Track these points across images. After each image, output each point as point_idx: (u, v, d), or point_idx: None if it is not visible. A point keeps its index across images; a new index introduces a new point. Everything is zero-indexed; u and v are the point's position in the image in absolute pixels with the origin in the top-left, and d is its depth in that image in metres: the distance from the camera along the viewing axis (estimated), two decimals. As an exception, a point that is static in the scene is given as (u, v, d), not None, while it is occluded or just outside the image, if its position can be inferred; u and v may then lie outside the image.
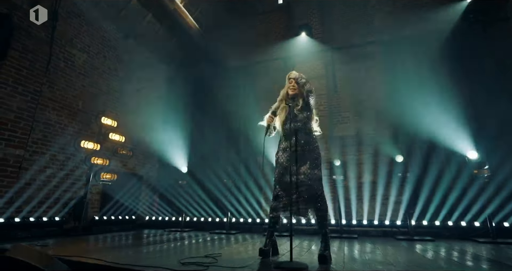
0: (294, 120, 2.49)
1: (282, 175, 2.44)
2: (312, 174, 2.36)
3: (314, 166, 2.39)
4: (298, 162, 2.34)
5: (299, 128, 2.47)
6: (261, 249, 2.40)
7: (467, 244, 3.53)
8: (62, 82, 4.68)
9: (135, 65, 6.22)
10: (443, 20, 5.39)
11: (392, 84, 5.62)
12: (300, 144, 2.41)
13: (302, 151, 2.41)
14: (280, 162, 2.50)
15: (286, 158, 2.45)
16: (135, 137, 5.90)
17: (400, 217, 4.71)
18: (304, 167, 2.36)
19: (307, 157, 2.40)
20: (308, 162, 2.38)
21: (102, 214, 4.95)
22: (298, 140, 2.41)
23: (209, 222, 5.48)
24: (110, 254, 2.56)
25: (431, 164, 4.67)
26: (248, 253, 2.78)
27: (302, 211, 2.35)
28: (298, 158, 2.34)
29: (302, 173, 2.34)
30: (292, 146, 2.39)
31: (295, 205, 2.30)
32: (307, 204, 2.34)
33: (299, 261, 2.21)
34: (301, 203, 2.33)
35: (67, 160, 4.57)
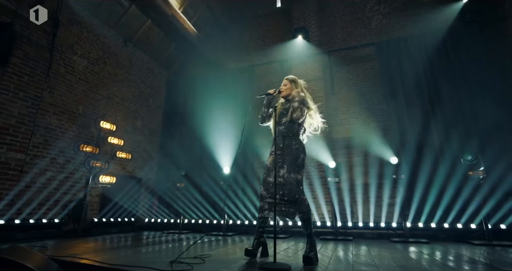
0: (278, 124, 2.59)
1: (266, 176, 2.54)
2: (289, 177, 2.41)
3: (292, 169, 2.43)
4: (278, 165, 2.44)
5: (280, 132, 2.55)
6: (247, 250, 2.45)
7: (462, 247, 3.52)
8: (62, 87, 4.81)
9: (134, 70, 6.35)
10: (440, 20, 5.40)
11: (389, 85, 5.64)
12: (279, 147, 2.49)
13: (281, 154, 2.48)
14: (266, 164, 2.61)
15: (271, 160, 2.55)
16: (134, 140, 6.01)
17: (396, 219, 4.71)
18: (283, 171, 2.43)
19: (286, 161, 2.45)
20: (286, 165, 2.44)
21: (101, 216, 5.05)
22: (277, 144, 2.51)
23: (207, 224, 5.54)
24: (104, 255, 2.63)
25: (426, 165, 4.66)
26: (237, 254, 2.82)
27: (285, 212, 2.38)
28: (277, 161, 2.45)
29: (281, 176, 2.42)
30: (275, 150, 2.49)
31: (278, 206, 2.36)
32: (290, 206, 2.38)
33: (284, 262, 2.24)
34: (284, 205, 2.38)
35: (67, 163, 4.69)
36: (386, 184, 5.21)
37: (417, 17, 6.06)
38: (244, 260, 2.43)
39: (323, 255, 2.90)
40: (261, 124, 2.77)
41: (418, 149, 4.80)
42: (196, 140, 6.32)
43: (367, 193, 5.42)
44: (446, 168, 4.49)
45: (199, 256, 2.60)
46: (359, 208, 5.35)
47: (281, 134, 2.54)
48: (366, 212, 5.31)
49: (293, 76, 2.74)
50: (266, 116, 2.73)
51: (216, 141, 5.95)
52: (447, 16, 5.39)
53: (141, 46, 6.53)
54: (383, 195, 5.30)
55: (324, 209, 5.55)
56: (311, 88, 6.46)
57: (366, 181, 5.55)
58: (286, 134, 2.55)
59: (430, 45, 5.23)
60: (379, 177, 5.39)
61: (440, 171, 4.56)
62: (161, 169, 6.56)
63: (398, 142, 5.02)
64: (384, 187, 5.26)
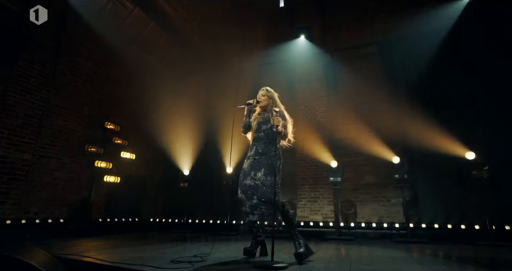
0: (258, 131, 2.69)
1: (242, 179, 2.59)
2: (265, 180, 2.47)
3: (269, 172, 2.50)
4: (255, 168, 2.54)
5: (260, 138, 2.66)
6: (245, 249, 2.50)
7: (466, 247, 3.49)
8: (68, 89, 4.90)
9: (139, 71, 6.43)
10: (443, 19, 5.33)
11: (393, 85, 5.60)
12: (258, 152, 2.59)
13: (259, 159, 2.57)
14: (243, 168, 2.66)
15: (248, 164, 2.62)
16: (138, 141, 6.08)
17: (399, 219, 4.68)
18: (259, 173, 2.50)
19: (263, 165, 2.53)
20: (263, 169, 2.51)
21: (106, 215, 5.13)
22: (256, 149, 2.62)
23: (211, 223, 5.58)
24: (107, 254, 2.69)
25: (429, 165, 4.62)
26: (237, 253, 2.85)
27: (265, 214, 2.43)
28: (255, 165, 2.55)
29: (258, 179, 2.49)
30: (252, 155, 2.62)
31: (258, 208, 2.43)
32: (268, 208, 2.43)
33: (281, 261, 2.26)
34: (263, 207, 2.44)
35: (72, 164, 4.78)
36: (389, 184, 5.18)
37: (420, 16, 5.98)
38: (242, 259, 2.46)
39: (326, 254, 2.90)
40: (244, 134, 2.83)
41: (421, 148, 4.75)
42: (200, 140, 6.36)
43: (369, 193, 5.39)
44: (450, 168, 4.44)
45: (198, 254, 2.63)
46: (361, 208, 5.33)
47: (261, 140, 2.65)
48: (369, 212, 5.28)
49: (269, 88, 2.85)
50: (249, 126, 2.79)
51: (220, 141, 5.98)
52: (450, 15, 5.31)
53: (145, 47, 6.60)
54: (386, 195, 5.28)
55: (326, 209, 5.54)
56: (313, 88, 6.47)
57: (368, 180, 5.52)
58: (266, 141, 2.64)
59: (434, 44, 5.16)
60: (382, 176, 5.36)
61: (444, 170, 4.51)
62: (165, 169, 6.62)
63: (402, 142, 4.98)
64: (387, 187, 5.23)
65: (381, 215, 5.25)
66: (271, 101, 2.79)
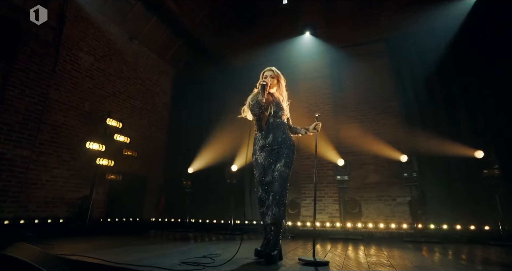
0: (275, 116, 2.43)
1: (263, 175, 2.36)
2: (283, 172, 2.28)
3: (288, 164, 2.32)
4: (275, 159, 2.32)
5: (277, 124, 2.42)
6: (257, 250, 2.37)
7: (476, 247, 3.41)
8: (68, 84, 4.78)
9: (140, 67, 6.31)
10: (452, 15, 5.24)
11: (399, 82, 5.52)
12: (277, 141, 2.36)
13: (278, 149, 2.35)
14: (260, 162, 2.40)
15: (265, 157, 2.37)
16: (140, 138, 5.97)
17: (404, 218, 4.61)
18: (279, 164, 2.31)
19: (283, 155, 2.33)
20: (283, 159, 2.32)
21: (108, 214, 5.01)
22: (275, 138, 2.37)
23: (214, 223, 5.48)
24: (111, 254, 2.58)
25: (437, 164, 4.54)
26: (246, 254, 2.75)
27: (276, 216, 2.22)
28: (275, 156, 2.33)
29: (276, 170, 2.30)
30: (269, 144, 2.36)
31: (271, 209, 2.23)
32: (279, 208, 2.22)
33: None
34: (274, 207, 2.23)
35: (73, 161, 4.66)
36: (395, 183, 5.11)
37: (427, 13, 5.90)
38: (253, 259, 2.36)
39: (334, 254, 2.81)
40: (257, 116, 2.42)
41: (428, 147, 4.67)
42: (202, 138, 6.25)
43: (374, 192, 5.32)
44: (459, 167, 4.36)
45: (208, 255, 2.53)
46: (366, 207, 5.25)
47: (279, 128, 2.41)
48: (374, 211, 5.21)
49: (275, 68, 2.60)
50: (263, 108, 2.41)
51: (223, 139, 5.87)
52: (459, 12, 5.22)
53: (147, 43, 6.48)
54: (391, 194, 5.21)
55: (331, 208, 5.45)
56: (318, 86, 6.36)
57: (374, 179, 5.45)
58: (284, 128, 2.44)
59: (442, 41, 5.07)
60: (387, 175, 5.29)
61: (453, 169, 4.44)
62: (167, 167, 6.51)
63: (409, 141, 4.90)
64: (393, 186, 5.16)
65: (386, 215, 5.17)
66: (278, 84, 2.55)
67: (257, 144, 2.47)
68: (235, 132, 6.02)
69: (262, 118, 2.42)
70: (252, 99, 2.47)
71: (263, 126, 2.42)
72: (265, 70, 2.58)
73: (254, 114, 2.42)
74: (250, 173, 5.89)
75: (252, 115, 2.47)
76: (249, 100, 2.52)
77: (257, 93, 2.48)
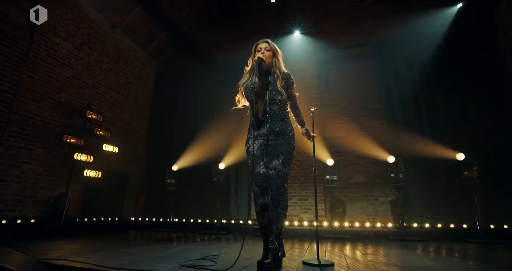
0: (272, 103, 2.07)
1: (253, 167, 2.03)
2: (282, 171, 2.01)
3: (286, 162, 2.03)
4: (270, 153, 2.01)
5: (274, 113, 2.07)
6: (261, 263, 1.89)
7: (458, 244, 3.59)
8: (43, 72, 4.37)
9: (122, 58, 5.94)
10: (434, 25, 5.50)
11: (384, 86, 5.69)
12: (274, 131, 2.05)
13: (275, 141, 2.05)
14: (251, 151, 2.06)
15: (258, 146, 2.05)
16: (121, 133, 5.63)
17: (387, 217, 4.77)
18: (276, 161, 2.00)
19: (281, 150, 2.03)
20: (281, 156, 2.01)
21: (84, 213, 4.66)
22: (272, 127, 2.05)
23: (199, 222, 5.30)
24: (99, 257, 2.37)
25: (420, 165, 4.74)
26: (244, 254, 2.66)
27: (274, 218, 1.99)
28: (270, 149, 2.02)
29: (272, 168, 2.00)
30: (264, 135, 2.04)
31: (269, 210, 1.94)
32: (277, 211, 2.00)
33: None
34: (270, 208, 1.96)
35: (47, 155, 4.26)
36: (380, 183, 5.26)
37: (412, 20, 6.13)
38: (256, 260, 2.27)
39: (333, 254, 2.81)
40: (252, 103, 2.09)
41: (411, 149, 4.86)
42: (187, 135, 6.04)
43: (360, 192, 5.45)
44: (441, 168, 4.58)
45: (206, 257, 2.41)
46: (350, 206, 5.37)
47: (276, 116, 2.07)
48: (357, 210, 5.34)
49: (271, 41, 2.20)
50: (259, 92, 2.06)
51: (210, 136, 5.70)
52: (441, 21, 5.49)
53: (130, 34, 6.12)
54: (374, 193, 5.36)
55: (318, 207, 5.50)
56: (305, 86, 6.39)
57: (358, 179, 5.57)
58: (282, 116, 2.10)
59: (425, 48, 5.31)
60: (371, 176, 5.44)
61: (435, 170, 4.65)
62: (149, 165, 6.21)
63: (394, 142, 5.06)
64: (378, 186, 5.31)
65: (369, 214, 5.32)
66: (275, 59, 2.16)
67: (251, 133, 2.14)
68: (222, 130, 5.88)
69: (258, 105, 2.06)
70: (245, 82, 2.16)
71: (259, 113, 2.06)
72: (258, 42, 2.20)
73: (250, 100, 2.09)
74: (236, 172, 5.81)
75: (248, 101, 2.15)
76: (240, 84, 2.21)
77: (249, 73, 2.18)
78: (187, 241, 3.76)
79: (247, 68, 2.21)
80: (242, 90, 2.17)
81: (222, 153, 5.52)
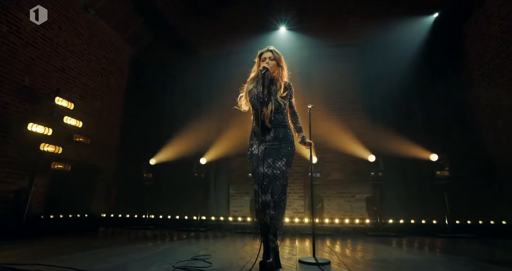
0: (276, 112, 2.15)
1: (256, 166, 2.08)
2: (285, 172, 2.11)
3: (288, 163, 2.14)
4: (273, 156, 2.11)
5: (278, 121, 2.15)
6: (263, 263, 1.85)
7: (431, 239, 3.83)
8: (3, 50, 3.85)
9: (95, 42, 5.47)
10: (413, 31, 5.76)
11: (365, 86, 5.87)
12: (278, 138, 2.14)
13: (279, 146, 2.14)
14: (255, 154, 2.13)
15: (262, 150, 2.10)
16: (92, 123, 5.20)
17: (362, 214, 4.96)
18: (280, 162, 2.10)
19: (284, 153, 2.13)
20: (285, 158, 2.12)
21: (49, 210, 4.23)
22: (276, 134, 2.14)
23: (176, 219, 5.09)
24: (76, 260, 2.14)
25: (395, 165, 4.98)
26: (238, 253, 2.58)
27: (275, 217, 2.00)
28: (274, 153, 2.12)
29: (277, 168, 2.08)
30: (269, 141, 2.14)
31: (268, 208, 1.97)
32: (277, 209, 2.04)
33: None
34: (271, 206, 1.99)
35: (6, 145, 3.79)
36: (356, 181, 5.44)
37: (391, 26, 6.36)
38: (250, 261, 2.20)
39: (322, 251, 2.83)
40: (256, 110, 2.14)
41: (390, 148, 5.07)
42: (165, 128, 5.76)
43: (338, 189, 5.58)
44: (415, 167, 4.85)
45: (197, 257, 2.29)
46: (328, 203, 5.49)
47: (280, 124, 2.16)
48: (335, 207, 5.48)
49: (275, 49, 2.26)
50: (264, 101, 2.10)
51: (189, 130, 5.48)
52: (419, 29, 5.76)
53: (105, 16, 5.63)
54: (351, 191, 5.53)
55: (297, 203, 5.57)
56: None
57: (336, 177, 5.70)
58: (286, 124, 2.19)
59: (404, 53, 5.56)
60: (350, 173, 5.60)
61: (410, 170, 4.91)
62: (122, 157, 5.82)
63: (372, 141, 5.25)
64: (354, 184, 5.49)
65: (345, 210, 5.48)
66: (279, 68, 2.20)
67: (254, 139, 2.20)
68: (203, 124, 5.69)
69: (263, 114, 2.12)
70: (250, 90, 2.19)
71: (266, 121, 2.13)
72: (262, 51, 2.24)
73: (255, 108, 2.14)
74: (216, 168, 5.67)
75: (252, 108, 2.20)
76: (245, 89, 2.24)
77: (254, 79, 2.21)
78: (167, 240, 3.57)
79: (252, 75, 2.27)
80: (247, 95, 2.22)
81: (203, 148, 5.35)
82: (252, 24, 7.16)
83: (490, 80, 4.92)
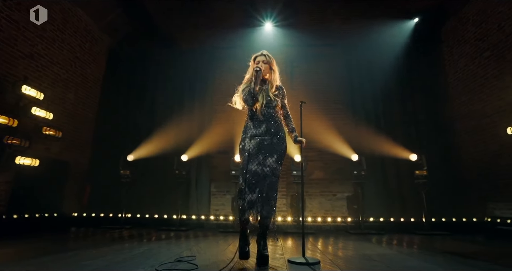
0: (268, 106, 2.24)
1: (247, 163, 2.09)
2: (276, 169, 2.12)
3: (280, 160, 2.17)
4: (265, 152, 2.11)
5: (270, 115, 2.23)
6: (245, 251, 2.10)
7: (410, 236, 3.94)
8: (-39, 31, 3.46)
9: (69, 29, 5.08)
10: (395, 35, 5.92)
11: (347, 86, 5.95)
12: (270, 132, 2.18)
13: (271, 140, 2.17)
14: (246, 149, 2.16)
15: (254, 145, 2.14)
16: (64, 115, 4.83)
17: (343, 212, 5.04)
18: (271, 159, 2.11)
19: (276, 150, 2.15)
20: (275, 154, 2.14)
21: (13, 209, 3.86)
22: (268, 128, 2.19)
23: (155, 218, 4.87)
24: (47, 264, 1.93)
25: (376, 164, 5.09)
26: (224, 254, 2.47)
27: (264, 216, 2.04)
28: (266, 148, 2.13)
29: (267, 166, 2.09)
30: (261, 135, 2.17)
31: (255, 207, 2.00)
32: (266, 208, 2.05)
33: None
34: (259, 205, 2.01)
35: (-36, 138, 3.41)
36: (338, 180, 5.51)
37: (374, 28, 6.50)
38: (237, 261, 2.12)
39: (313, 251, 2.80)
40: (249, 105, 2.23)
41: (371, 148, 5.18)
42: (144, 123, 5.49)
43: (320, 188, 5.62)
44: (395, 167, 4.98)
45: (181, 259, 2.16)
46: (310, 201, 5.52)
47: (272, 118, 2.23)
48: (316, 205, 5.51)
49: (268, 53, 2.40)
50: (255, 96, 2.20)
51: (171, 125, 5.27)
52: (401, 32, 5.94)
53: (80, 2, 5.26)
54: (332, 190, 5.58)
55: (279, 202, 5.52)
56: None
57: (318, 176, 5.74)
58: (278, 119, 2.28)
59: (386, 55, 5.70)
60: (332, 172, 5.66)
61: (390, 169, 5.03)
62: (97, 153, 5.47)
63: (354, 141, 5.32)
64: (336, 183, 5.55)
65: (326, 209, 5.53)
66: (271, 71, 2.35)
67: (247, 133, 2.25)
68: (184, 120, 5.49)
69: (255, 108, 2.22)
70: (243, 89, 2.30)
71: (258, 116, 2.22)
72: (256, 54, 2.39)
73: (247, 104, 2.25)
74: (197, 166, 5.49)
75: (245, 105, 2.29)
76: (240, 88, 2.35)
77: (248, 80, 2.33)
78: (143, 240, 3.37)
79: (246, 76, 2.39)
80: (240, 94, 2.32)
81: (184, 144, 5.16)
82: (237, 19, 7.03)
83: (464, 85, 5.17)
